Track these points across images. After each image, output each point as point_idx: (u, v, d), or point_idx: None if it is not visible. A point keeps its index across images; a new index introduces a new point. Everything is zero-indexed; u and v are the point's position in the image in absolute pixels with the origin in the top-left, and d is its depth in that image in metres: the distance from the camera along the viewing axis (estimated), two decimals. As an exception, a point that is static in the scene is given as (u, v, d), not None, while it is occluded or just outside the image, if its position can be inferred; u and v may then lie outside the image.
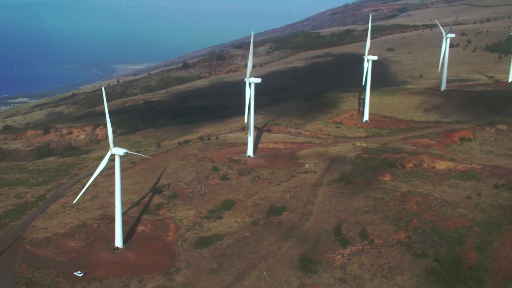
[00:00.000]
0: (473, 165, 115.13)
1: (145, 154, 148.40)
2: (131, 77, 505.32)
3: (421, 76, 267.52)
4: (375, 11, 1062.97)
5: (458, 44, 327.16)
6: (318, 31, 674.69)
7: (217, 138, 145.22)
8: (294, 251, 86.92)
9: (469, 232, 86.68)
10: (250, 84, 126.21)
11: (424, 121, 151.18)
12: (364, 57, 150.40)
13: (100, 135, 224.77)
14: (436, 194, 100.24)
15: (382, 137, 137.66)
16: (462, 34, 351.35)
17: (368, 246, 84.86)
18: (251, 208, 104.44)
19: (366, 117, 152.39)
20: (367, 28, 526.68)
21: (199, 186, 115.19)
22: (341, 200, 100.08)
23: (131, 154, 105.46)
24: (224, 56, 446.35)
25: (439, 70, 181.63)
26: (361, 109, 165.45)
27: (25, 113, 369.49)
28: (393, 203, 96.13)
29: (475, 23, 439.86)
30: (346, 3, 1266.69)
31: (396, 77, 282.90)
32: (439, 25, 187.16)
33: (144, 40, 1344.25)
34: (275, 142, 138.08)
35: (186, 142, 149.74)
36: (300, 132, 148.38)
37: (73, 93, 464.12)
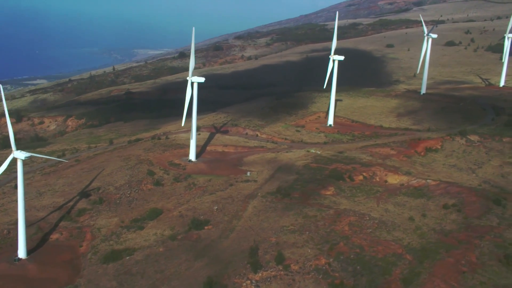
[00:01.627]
0: (428, 180, 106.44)
1: (93, 152, 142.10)
2: (128, 65, 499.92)
3: (414, 75, 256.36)
4: (390, 4, 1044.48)
5: (460, 42, 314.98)
6: (326, 23, 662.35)
7: (167, 138, 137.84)
8: (203, 272, 79.54)
9: (399, 260, 78.51)
10: (192, 83, 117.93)
11: (393, 127, 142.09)
12: (330, 56, 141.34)
13: (70, 126, 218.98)
14: (375, 214, 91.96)
15: (341, 144, 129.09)
16: (467, 32, 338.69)
17: (281, 272, 77.16)
18: (175, 219, 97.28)
19: (330, 121, 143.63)
20: (374, 22, 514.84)
21: (129, 192, 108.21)
22: (269, 216, 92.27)
23: (36, 156, 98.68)
24: (221, 47, 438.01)
25: (418, 71, 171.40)
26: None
27: (13, 98, 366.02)
28: (323, 223, 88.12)
29: (485, 20, 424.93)
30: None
31: (391, 75, 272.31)
32: (423, 23, 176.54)
33: (166, 25, 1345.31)
34: (226, 145, 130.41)
35: (137, 140, 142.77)
36: (257, 135, 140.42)
37: (69, 79, 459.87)
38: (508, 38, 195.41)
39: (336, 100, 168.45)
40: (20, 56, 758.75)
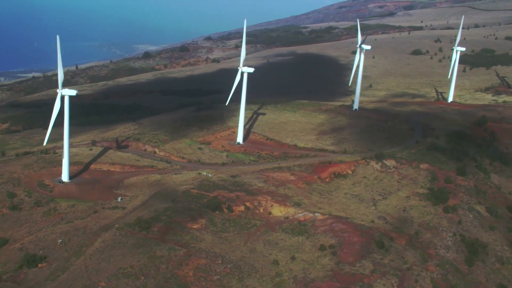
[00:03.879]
0: (316, 214, 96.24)
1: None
2: (92, 64, 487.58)
3: (370, 86, 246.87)
4: (380, 7, 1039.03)
5: (427, 51, 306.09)
6: (307, 25, 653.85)
7: (54, 152, 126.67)
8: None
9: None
10: (63, 96, 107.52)
11: (308, 147, 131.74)
12: (238, 68, 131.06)
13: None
14: (235, 255, 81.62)
15: (240, 166, 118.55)
16: (437, 40, 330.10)
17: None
18: (14, 253, 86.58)
19: (239, 138, 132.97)
20: (350, 26, 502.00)
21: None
22: (113, 254, 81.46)
23: None
24: (187, 48, 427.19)
25: (349, 84, 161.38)
26: (246, 126, 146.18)
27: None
28: (167, 266, 77.53)
29: (463, 28, 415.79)
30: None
31: (349, 84, 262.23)
32: (358, 33, 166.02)
33: (165, 22, 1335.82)
34: (113, 164, 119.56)
35: (26, 153, 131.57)
36: (155, 152, 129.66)
37: (33, 76, 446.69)
38: (456, 51, 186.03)
39: (258, 114, 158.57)
40: (18, 48, 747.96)
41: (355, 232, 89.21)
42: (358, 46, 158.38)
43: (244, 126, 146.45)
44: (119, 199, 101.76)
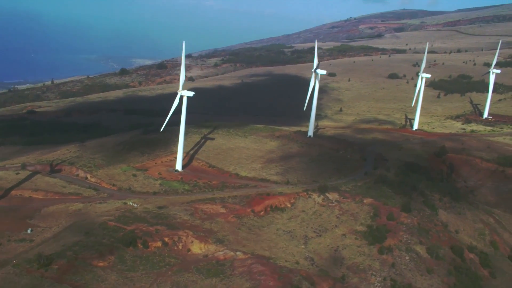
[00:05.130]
0: (238, 253, 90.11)
1: None
2: (71, 78, 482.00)
3: (340, 110, 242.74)
4: (371, 28, 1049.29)
5: (404, 75, 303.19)
6: (294, 45, 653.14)
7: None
8: None
9: None
10: None
11: (249, 176, 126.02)
12: (178, 92, 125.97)
13: None
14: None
15: (172, 196, 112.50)
16: (415, 65, 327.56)
17: None
18: None
19: (178, 165, 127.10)
20: (334, 47, 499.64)
21: None
22: (0, 296, 74.64)
23: None
24: (165, 65, 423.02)
25: (304, 109, 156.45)
26: (191, 152, 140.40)
27: None
28: (53, 312, 70.69)
29: (445, 52, 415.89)
30: (350, 17, 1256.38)
31: (321, 108, 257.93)
32: (315, 56, 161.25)
33: (163, 36, 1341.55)
34: (36, 190, 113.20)
35: None
36: (87, 178, 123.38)
37: (9, 90, 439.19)
38: (422, 77, 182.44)
39: (207, 139, 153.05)
40: (14, 59, 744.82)
41: (272, 275, 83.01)
42: (313, 70, 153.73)
43: (189, 151, 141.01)
44: (28, 231, 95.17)
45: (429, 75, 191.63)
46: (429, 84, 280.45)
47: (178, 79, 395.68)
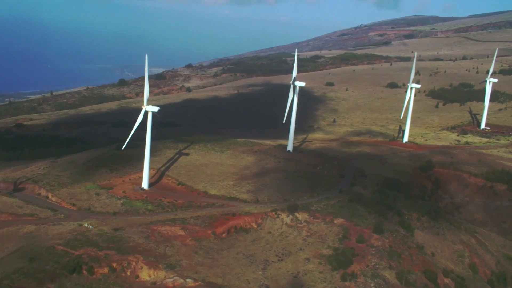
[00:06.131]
0: (188, 280, 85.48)
1: None
2: (72, 90, 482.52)
3: (334, 121, 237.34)
4: (380, 35, 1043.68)
5: (403, 84, 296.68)
6: (299, 53, 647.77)
7: None
8: None
9: None
10: None
11: (218, 195, 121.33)
12: (142, 107, 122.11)
13: None
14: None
15: (131, 217, 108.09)
16: (416, 73, 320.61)
17: None
18: None
19: (144, 184, 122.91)
20: (337, 56, 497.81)
21: None
22: None
23: None
24: (164, 76, 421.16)
25: (284, 121, 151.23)
26: (162, 168, 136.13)
27: None
28: None
29: (450, 59, 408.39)
30: (360, 24, 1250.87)
31: (315, 119, 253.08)
32: (295, 66, 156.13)
33: (177, 44, 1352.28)
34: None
35: None
36: (48, 197, 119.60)
37: (9, 101, 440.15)
38: (411, 88, 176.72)
39: (182, 154, 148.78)
40: (32, 70, 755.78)
41: (219, 306, 78.04)
42: (291, 82, 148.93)
43: (160, 168, 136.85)
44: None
45: (418, 86, 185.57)
46: (428, 93, 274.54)
47: (176, 90, 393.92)
